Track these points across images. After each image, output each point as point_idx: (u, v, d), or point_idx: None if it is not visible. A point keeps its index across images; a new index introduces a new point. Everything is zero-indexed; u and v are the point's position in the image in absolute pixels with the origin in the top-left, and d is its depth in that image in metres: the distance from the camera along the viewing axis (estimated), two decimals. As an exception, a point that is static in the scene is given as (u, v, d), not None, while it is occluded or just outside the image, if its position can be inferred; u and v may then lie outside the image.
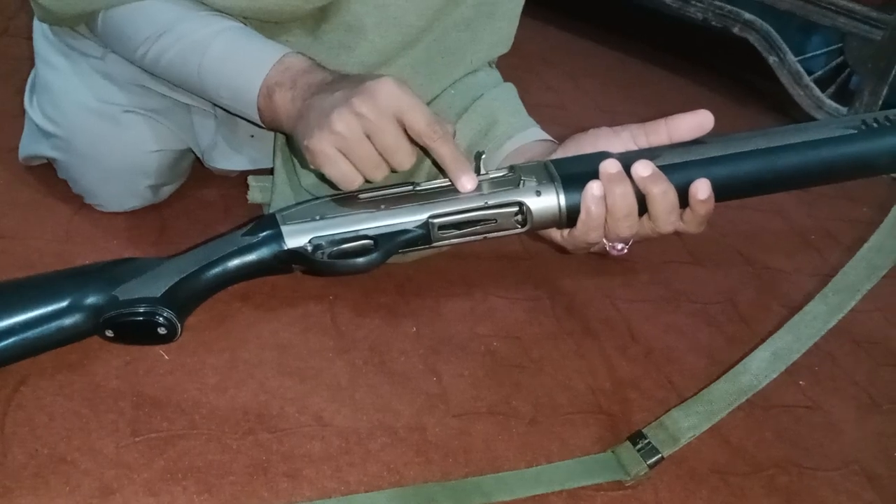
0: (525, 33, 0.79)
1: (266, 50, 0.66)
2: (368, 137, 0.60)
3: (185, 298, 0.63)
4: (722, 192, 0.59)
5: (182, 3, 0.68)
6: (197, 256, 0.63)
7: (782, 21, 1.49)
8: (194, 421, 0.61)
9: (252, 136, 0.83)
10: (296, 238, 0.62)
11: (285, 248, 0.62)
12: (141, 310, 0.60)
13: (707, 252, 1.01)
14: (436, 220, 0.62)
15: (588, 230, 0.60)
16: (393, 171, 0.62)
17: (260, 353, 0.69)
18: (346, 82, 0.62)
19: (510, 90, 0.78)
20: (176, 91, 0.77)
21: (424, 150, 0.63)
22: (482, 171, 0.63)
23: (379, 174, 0.62)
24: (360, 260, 0.63)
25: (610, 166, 0.58)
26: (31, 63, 0.83)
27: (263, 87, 0.65)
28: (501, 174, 0.63)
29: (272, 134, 0.82)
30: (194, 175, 0.89)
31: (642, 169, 0.57)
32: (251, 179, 0.81)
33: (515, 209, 0.61)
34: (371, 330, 0.74)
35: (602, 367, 0.76)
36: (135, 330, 0.61)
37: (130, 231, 0.79)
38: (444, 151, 0.61)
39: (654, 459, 0.63)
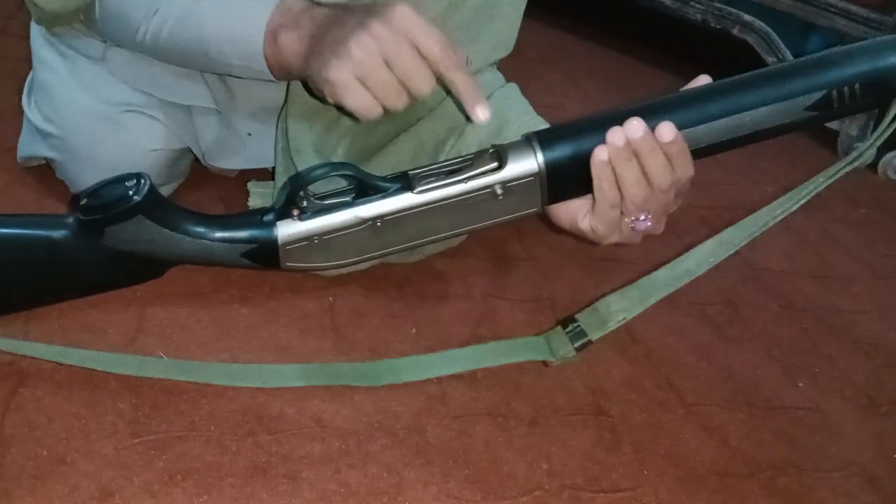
0: (525, 34, 0.79)
1: None
2: (387, 63, 0.59)
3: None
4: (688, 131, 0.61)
5: None
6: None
7: (781, 22, 1.49)
8: (193, 422, 0.61)
9: (249, 135, 0.83)
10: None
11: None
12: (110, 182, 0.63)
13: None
14: (415, 171, 0.62)
15: (604, 199, 0.61)
16: (411, 98, 0.61)
17: (259, 355, 0.69)
18: (354, 13, 0.61)
19: (515, 89, 0.78)
20: (172, 93, 0.77)
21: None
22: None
23: (399, 102, 0.60)
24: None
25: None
26: (29, 63, 0.82)
27: (268, 33, 0.64)
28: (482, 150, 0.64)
29: (271, 133, 0.81)
30: (193, 175, 0.89)
31: (635, 129, 0.59)
32: (251, 185, 0.81)
33: (490, 150, 0.62)
34: (370, 331, 0.74)
35: (602, 368, 0.76)
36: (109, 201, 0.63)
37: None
38: (458, 78, 0.60)
39: (581, 342, 0.63)
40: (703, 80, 0.64)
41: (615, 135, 0.59)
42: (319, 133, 0.81)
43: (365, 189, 0.64)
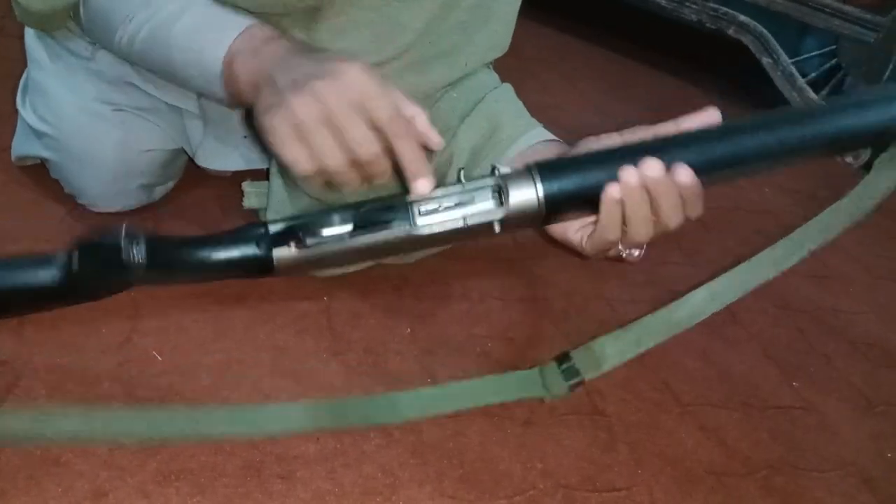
0: (521, 34, 0.79)
1: (231, 21, 0.64)
2: (328, 126, 0.57)
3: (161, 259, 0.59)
4: (703, 174, 0.60)
5: None
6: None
7: (776, 23, 1.50)
8: (188, 422, 0.60)
9: (245, 137, 0.83)
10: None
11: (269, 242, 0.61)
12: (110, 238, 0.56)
13: (702, 254, 1.01)
14: (415, 201, 0.62)
15: (606, 233, 0.60)
16: (354, 162, 0.59)
17: (255, 355, 0.68)
18: (312, 59, 0.59)
19: (509, 90, 0.78)
20: (162, 90, 0.77)
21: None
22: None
23: (336, 163, 0.58)
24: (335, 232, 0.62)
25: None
26: (24, 63, 0.82)
27: (227, 57, 0.63)
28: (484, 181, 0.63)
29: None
30: (189, 175, 0.88)
31: (652, 170, 0.56)
32: (246, 185, 0.81)
33: (492, 184, 0.61)
34: (366, 331, 0.74)
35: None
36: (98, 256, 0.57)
37: (124, 232, 0.79)
38: (403, 148, 0.58)
39: (575, 381, 0.62)
40: (713, 113, 0.63)
41: (629, 174, 0.57)
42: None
43: (365, 222, 0.63)
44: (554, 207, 0.61)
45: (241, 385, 0.65)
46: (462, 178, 0.61)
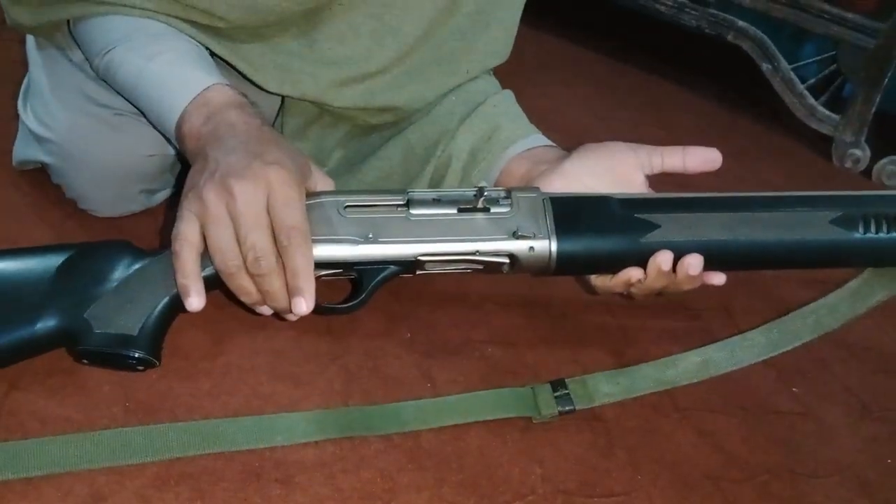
0: (520, 40, 0.79)
1: (192, 80, 0.64)
2: (233, 220, 0.57)
3: (163, 329, 0.62)
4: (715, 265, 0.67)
5: (142, 18, 0.67)
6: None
7: (776, 29, 1.50)
8: (187, 427, 0.60)
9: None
10: None
11: None
12: (116, 353, 0.59)
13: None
14: (424, 259, 0.62)
15: (614, 288, 0.70)
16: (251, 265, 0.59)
17: (253, 359, 0.69)
18: (247, 146, 0.59)
19: (509, 97, 0.79)
20: None
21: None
22: (482, 189, 0.62)
23: (225, 263, 0.58)
24: (344, 305, 0.64)
25: (664, 261, 0.64)
26: (25, 67, 0.82)
27: (179, 119, 0.64)
28: (498, 212, 0.62)
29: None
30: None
31: (692, 267, 0.64)
32: None
33: (505, 259, 0.62)
34: (365, 335, 0.74)
35: (597, 373, 0.76)
36: (111, 363, 0.61)
37: (124, 237, 0.79)
38: (292, 261, 0.58)
39: (566, 409, 0.66)
40: (715, 155, 0.68)
41: (664, 257, 0.64)
42: (315, 142, 0.81)
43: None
44: (565, 262, 0.64)
45: (240, 389, 0.65)
46: (477, 231, 0.63)
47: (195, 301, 0.59)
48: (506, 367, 0.74)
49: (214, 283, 0.61)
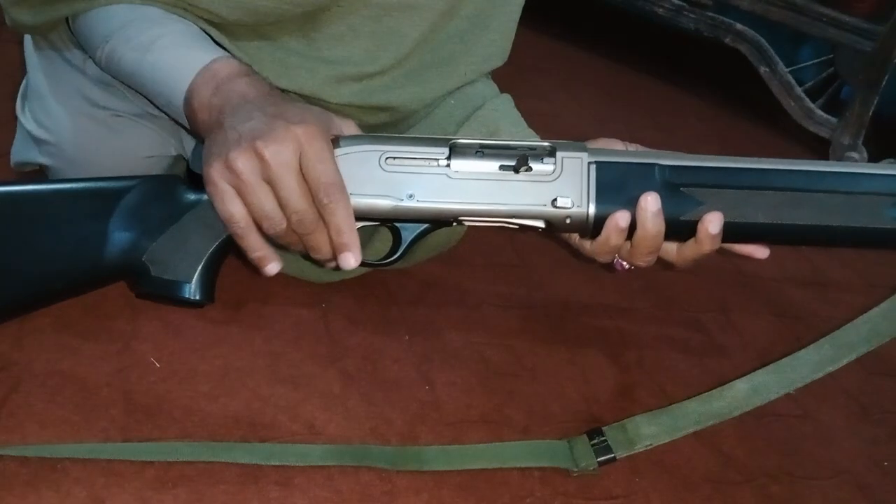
0: (519, 42, 0.79)
1: (195, 57, 0.63)
2: (269, 185, 0.56)
3: (215, 272, 0.64)
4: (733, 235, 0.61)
5: (142, 5, 0.66)
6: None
7: (773, 32, 1.50)
8: (186, 429, 0.60)
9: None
10: None
11: None
12: (174, 297, 0.62)
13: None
14: (462, 219, 0.62)
15: (605, 250, 0.62)
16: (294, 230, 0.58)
17: (252, 361, 0.69)
18: (264, 110, 0.58)
19: (508, 101, 0.78)
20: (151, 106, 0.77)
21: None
22: (525, 156, 0.61)
23: (274, 228, 0.58)
24: (385, 262, 0.65)
25: (652, 204, 0.59)
26: (23, 69, 0.82)
27: (187, 93, 0.62)
28: (540, 172, 0.60)
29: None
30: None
31: (713, 226, 0.59)
32: None
33: (541, 224, 0.62)
34: (364, 338, 0.74)
35: (595, 375, 0.76)
36: (168, 302, 0.64)
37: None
38: (333, 221, 0.57)
39: (605, 458, 0.63)
40: None
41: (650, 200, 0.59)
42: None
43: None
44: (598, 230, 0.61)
45: (240, 391, 0.65)
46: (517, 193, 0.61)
47: (274, 267, 0.60)
48: (504, 370, 0.74)
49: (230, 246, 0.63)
